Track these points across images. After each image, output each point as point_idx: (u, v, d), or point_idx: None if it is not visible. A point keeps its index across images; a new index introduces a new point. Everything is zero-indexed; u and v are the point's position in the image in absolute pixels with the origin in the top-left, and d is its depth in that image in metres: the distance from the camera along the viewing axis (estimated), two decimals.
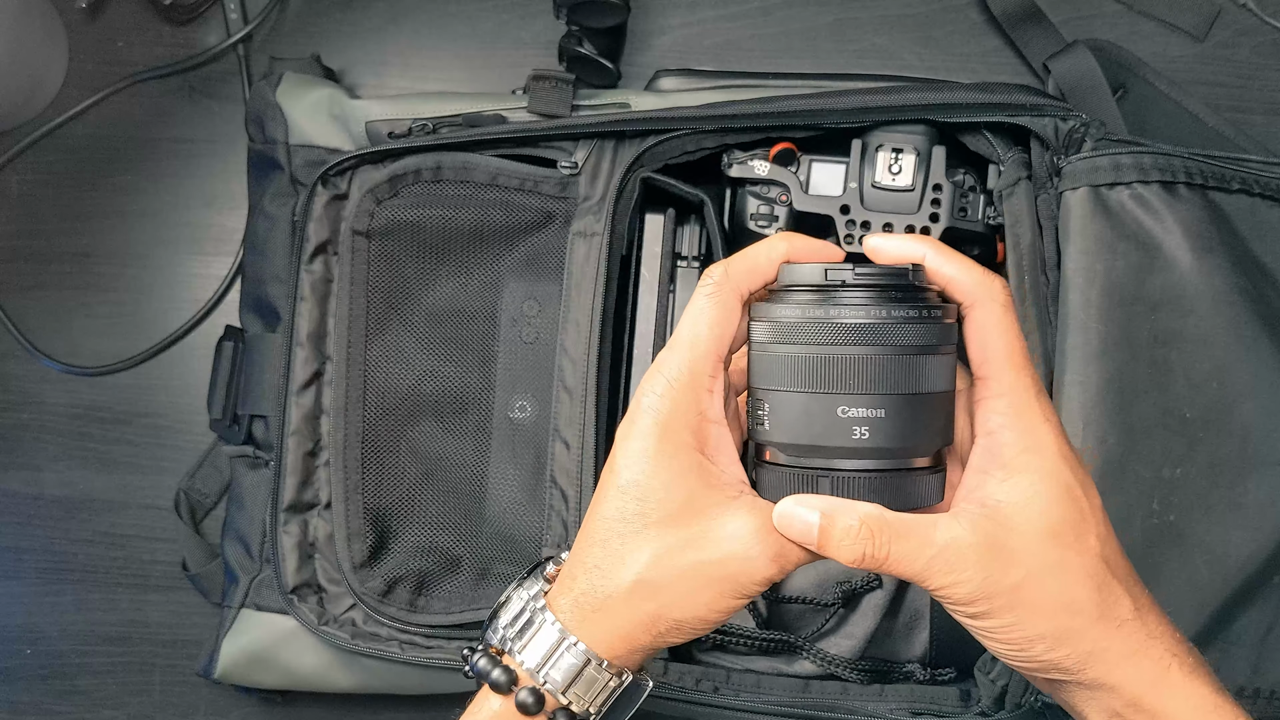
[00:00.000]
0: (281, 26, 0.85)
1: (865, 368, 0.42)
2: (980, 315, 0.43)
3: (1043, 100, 0.67)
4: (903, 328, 0.42)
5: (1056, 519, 0.42)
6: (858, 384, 0.42)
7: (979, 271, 0.44)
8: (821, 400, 0.42)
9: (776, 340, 0.43)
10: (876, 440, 0.42)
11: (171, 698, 0.82)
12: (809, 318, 0.43)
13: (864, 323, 0.42)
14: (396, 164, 0.71)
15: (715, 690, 0.67)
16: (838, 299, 0.43)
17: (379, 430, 0.71)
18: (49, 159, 0.85)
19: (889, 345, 0.42)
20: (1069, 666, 0.42)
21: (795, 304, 0.43)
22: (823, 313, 0.42)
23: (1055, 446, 0.42)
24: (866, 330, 0.42)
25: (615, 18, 0.75)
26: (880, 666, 0.68)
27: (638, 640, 0.44)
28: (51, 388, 0.84)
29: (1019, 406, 0.42)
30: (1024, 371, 0.43)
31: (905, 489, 0.43)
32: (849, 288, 0.43)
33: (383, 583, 0.70)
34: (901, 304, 0.42)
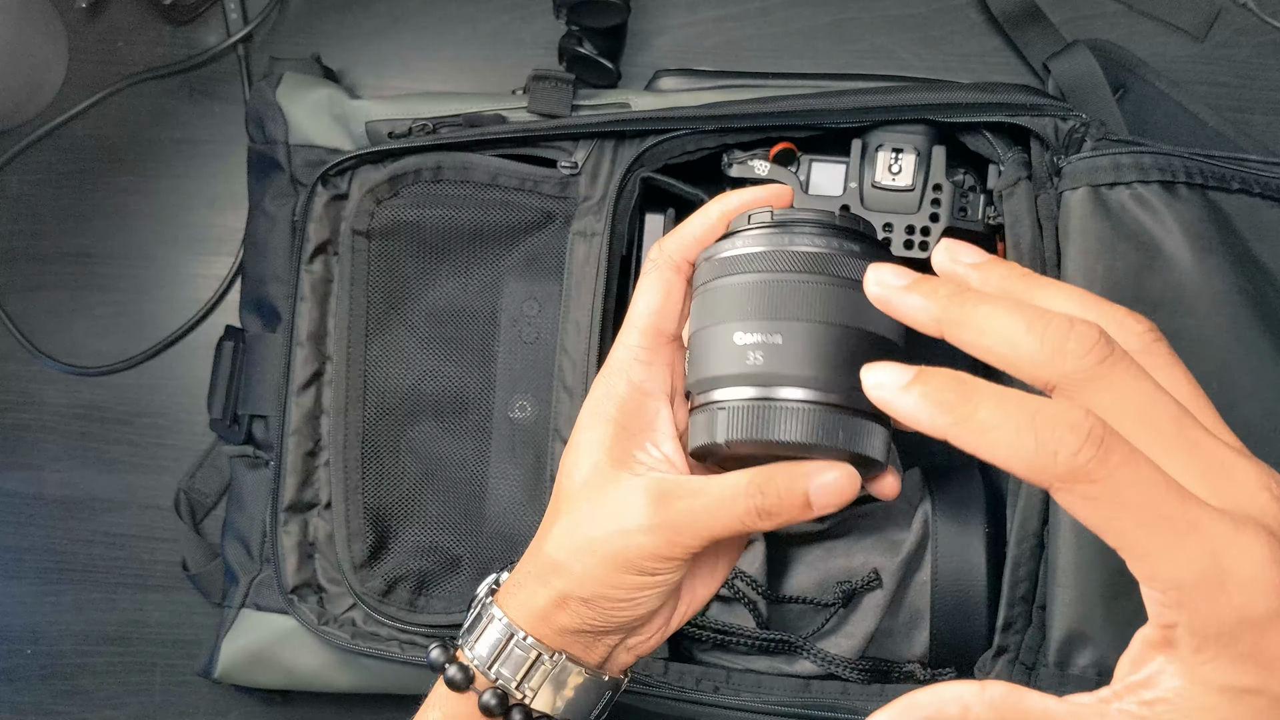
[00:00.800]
0: (281, 26, 0.85)
1: (760, 292, 0.40)
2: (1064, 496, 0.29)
3: (1043, 100, 0.67)
4: (805, 255, 0.40)
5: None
6: (751, 309, 0.40)
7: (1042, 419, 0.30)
8: (719, 330, 0.41)
9: (719, 274, 0.42)
10: (771, 365, 0.39)
11: (171, 698, 0.82)
12: (716, 257, 0.42)
13: (815, 252, 0.40)
14: (396, 164, 0.71)
15: (715, 690, 0.67)
16: (744, 234, 0.42)
17: (379, 430, 0.71)
18: (49, 159, 0.85)
19: (787, 270, 0.40)
20: None
21: (711, 248, 0.43)
22: (728, 246, 0.42)
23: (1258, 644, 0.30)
24: (761, 258, 0.41)
25: (615, 18, 0.75)
26: (880, 666, 0.68)
27: (555, 619, 0.44)
28: (51, 388, 0.84)
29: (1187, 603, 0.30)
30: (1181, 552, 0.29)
31: (824, 423, 0.39)
32: (754, 225, 0.42)
33: (383, 583, 0.70)
34: (808, 234, 0.41)
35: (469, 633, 0.47)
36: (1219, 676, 0.30)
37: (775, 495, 0.40)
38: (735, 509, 0.40)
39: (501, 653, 0.45)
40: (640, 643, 0.47)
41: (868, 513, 0.71)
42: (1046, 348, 0.30)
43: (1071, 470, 0.29)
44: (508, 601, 0.46)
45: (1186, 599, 0.30)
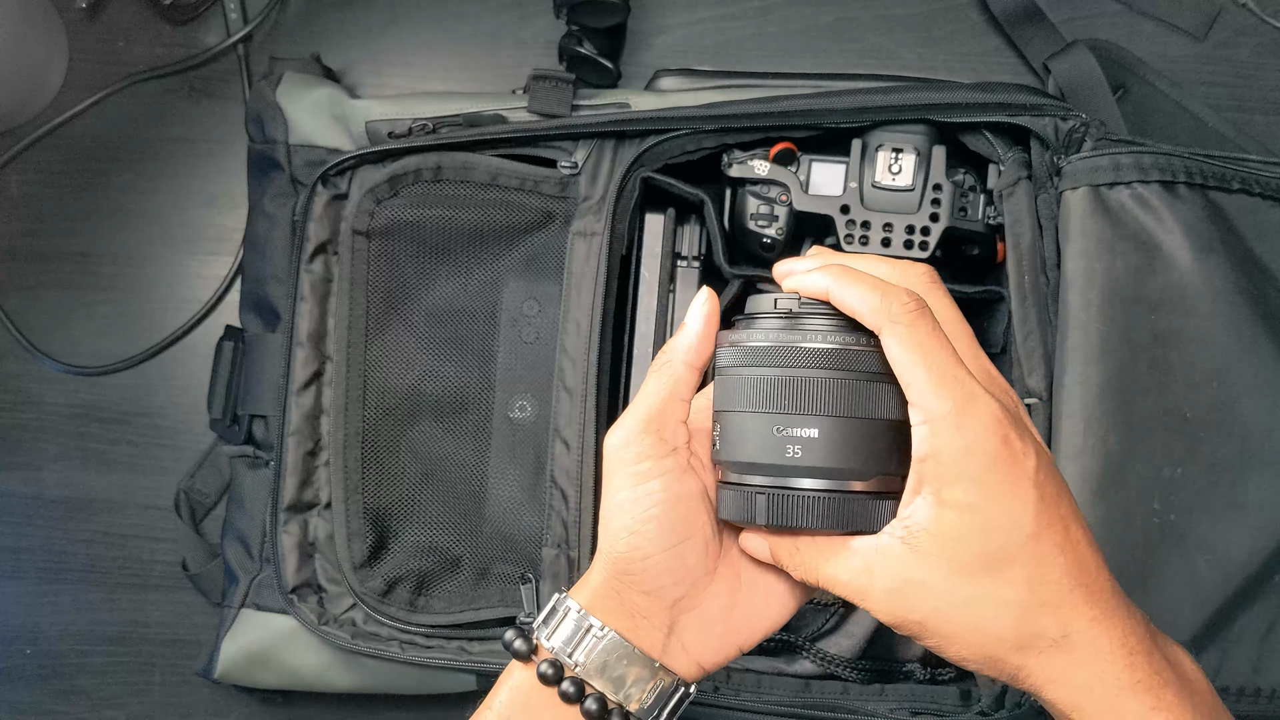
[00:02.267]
0: (281, 26, 0.85)
1: (802, 389, 0.43)
2: (888, 342, 0.42)
3: (1043, 100, 0.67)
4: (841, 353, 0.43)
5: (972, 555, 0.41)
6: (794, 404, 0.43)
7: (876, 295, 0.43)
8: (761, 419, 0.44)
9: (727, 364, 0.46)
10: (810, 459, 0.43)
11: (171, 698, 0.82)
12: (751, 344, 0.45)
13: (808, 347, 0.43)
14: (396, 164, 0.71)
15: (715, 690, 0.67)
16: (781, 325, 0.44)
17: (379, 430, 0.71)
18: (49, 159, 0.85)
19: (826, 369, 0.43)
20: (1003, 680, 0.43)
21: (743, 329, 0.46)
22: (763, 338, 0.44)
23: (977, 478, 0.41)
24: (804, 355, 0.43)
25: (615, 18, 0.75)
26: (880, 666, 0.68)
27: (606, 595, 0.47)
28: (51, 388, 0.84)
29: (940, 434, 0.41)
30: (943, 392, 0.41)
31: (843, 511, 0.43)
32: (794, 316, 0.44)
33: (383, 583, 0.70)
34: (840, 331, 0.43)
35: (545, 624, 0.49)
36: (951, 495, 0.41)
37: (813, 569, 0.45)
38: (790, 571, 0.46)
39: (559, 626, 0.47)
40: (695, 642, 0.48)
41: None
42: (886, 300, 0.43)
43: (897, 317, 0.42)
44: (576, 589, 0.49)
45: (937, 429, 0.41)
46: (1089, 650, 0.42)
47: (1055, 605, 0.42)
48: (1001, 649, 0.42)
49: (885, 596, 0.42)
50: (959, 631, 0.42)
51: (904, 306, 0.42)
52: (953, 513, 0.41)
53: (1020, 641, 0.42)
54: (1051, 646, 0.42)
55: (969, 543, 0.41)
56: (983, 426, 0.41)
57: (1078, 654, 0.42)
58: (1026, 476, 0.41)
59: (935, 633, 0.42)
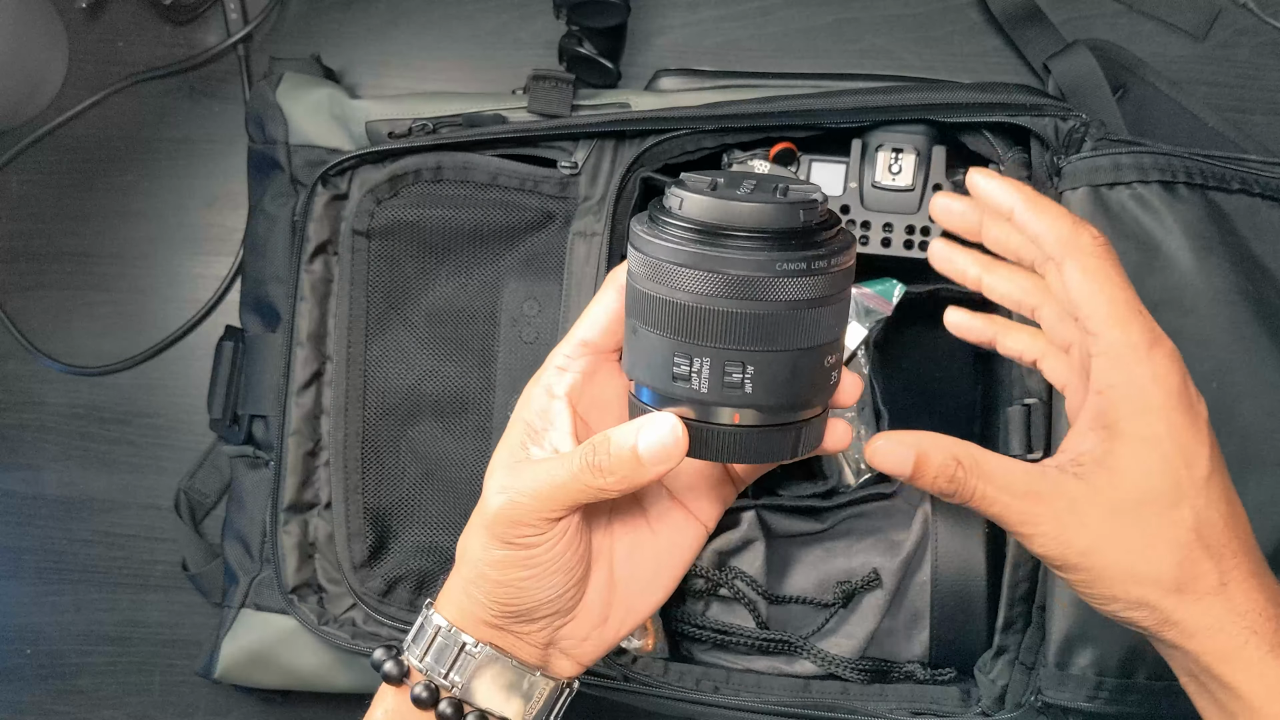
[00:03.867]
0: (281, 26, 0.85)
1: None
2: (1071, 270, 0.43)
3: (1043, 100, 0.67)
4: (782, 283, 0.38)
5: (1145, 489, 0.41)
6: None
7: (1067, 223, 0.43)
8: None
9: (643, 275, 0.40)
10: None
11: (171, 698, 0.82)
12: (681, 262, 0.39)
13: (741, 276, 0.38)
14: (396, 164, 0.71)
15: (715, 690, 0.67)
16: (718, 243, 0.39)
17: (379, 430, 0.71)
18: (49, 159, 0.85)
19: (767, 299, 0.38)
20: (1146, 627, 0.42)
21: (667, 241, 0.39)
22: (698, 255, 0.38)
23: (1161, 410, 0.41)
24: (744, 284, 0.38)
25: (615, 18, 0.75)
26: (880, 666, 0.68)
27: (467, 607, 0.45)
28: (51, 388, 0.84)
29: (1125, 365, 0.42)
30: (1130, 325, 0.42)
31: (788, 441, 0.41)
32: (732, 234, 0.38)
33: (383, 582, 0.70)
34: (788, 254, 0.38)
35: (412, 637, 0.47)
36: (1132, 427, 0.41)
37: (605, 452, 0.42)
38: (572, 467, 0.42)
39: (431, 645, 0.45)
40: (575, 645, 0.46)
41: (867, 513, 0.71)
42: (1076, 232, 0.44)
43: (1087, 246, 0.43)
44: (442, 601, 0.47)
45: (1122, 360, 0.41)
46: (1245, 602, 0.42)
47: (1218, 551, 0.41)
48: (1157, 591, 0.41)
49: (1051, 526, 0.41)
50: (1116, 569, 0.41)
51: (1094, 239, 0.43)
52: (1132, 445, 0.41)
53: (1178, 583, 0.41)
54: (1209, 593, 0.41)
55: (1144, 476, 0.41)
56: (1170, 362, 0.42)
57: (1233, 605, 0.41)
58: (1203, 418, 0.42)
59: (1091, 568, 0.41)
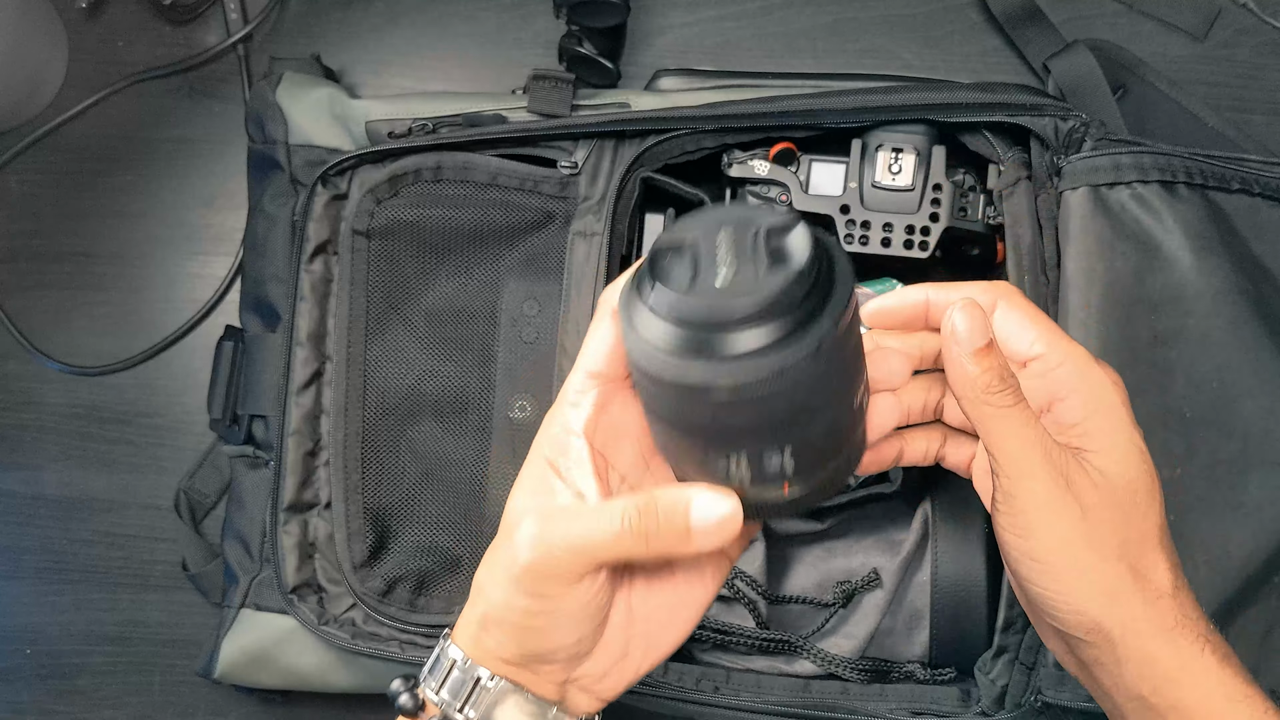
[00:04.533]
0: (281, 26, 0.85)
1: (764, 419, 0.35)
2: (1007, 309, 0.45)
3: (1043, 100, 0.67)
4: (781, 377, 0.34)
5: (1124, 480, 0.43)
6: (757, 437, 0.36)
7: (983, 283, 0.45)
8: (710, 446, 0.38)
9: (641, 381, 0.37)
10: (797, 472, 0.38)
11: (171, 698, 0.82)
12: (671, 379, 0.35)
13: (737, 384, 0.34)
14: (396, 164, 0.71)
15: (715, 690, 0.67)
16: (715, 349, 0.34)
17: (379, 430, 0.71)
18: (49, 159, 0.85)
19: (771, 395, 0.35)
20: (1105, 626, 0.43)
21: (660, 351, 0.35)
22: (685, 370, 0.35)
23: (1125, 408, 0.44)
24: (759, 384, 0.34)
25: (615, 18, 0.75)
26: (880, 666, 0.68)
27: (484, 642, 0.44)
28: (51, 388, 0.84)
29: (1082, 372, 0.44)
30: (1073, 342, 0.44)
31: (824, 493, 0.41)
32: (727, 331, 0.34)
33: (383, 582, 0.70)
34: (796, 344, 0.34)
35: (429, 668, 0.46)
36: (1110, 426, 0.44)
37: (653, 518, 0.40)
38: (611, 527, 0.40)
39: (447, 678, 0.45)
40: (594, 683, 0.45)
41: (868, 513, 0.71)
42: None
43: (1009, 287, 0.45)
44: (459, 633, 0.46)
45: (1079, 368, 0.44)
46: (1193, 609, 0.43)
47: (1171, 555, 0.44)
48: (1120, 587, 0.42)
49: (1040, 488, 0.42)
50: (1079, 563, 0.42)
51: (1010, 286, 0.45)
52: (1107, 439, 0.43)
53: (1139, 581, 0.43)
54: (1167, 595, 0.43)
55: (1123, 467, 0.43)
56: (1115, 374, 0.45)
57: (1185, 610, 0.43)
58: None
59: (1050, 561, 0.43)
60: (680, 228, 0.37)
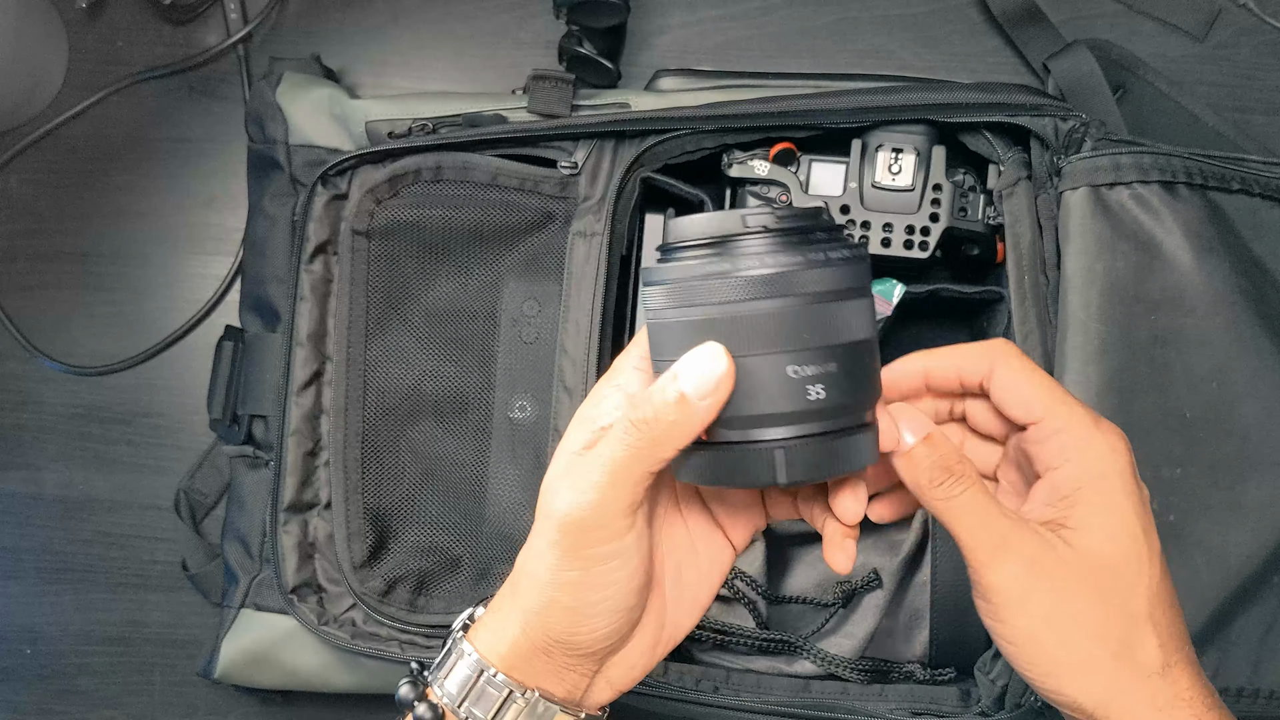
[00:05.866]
0: (281, 26, 0.85)
1: (809, 318, 0.37)
2: (1004, 371, 0.43)
3: (1043, 100, 0.67)
4: (825, 272, 0.37)
5: (1109, 554, 0.41)
6: (808, 338, 0.37)
7: (979, 344, 0.44)
8: (768, 361, 0.38)
9: (672, 304, 0.39)
10: (833, 398, 0.38)
11: (171, 698, 0.82)
12: (706, 276, 0.38)
13: (779, 272, 0.37)
14: (396, 164, 0.71)
15: (715, 690, 0.67)
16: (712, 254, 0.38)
17: (379, 430, 0.71)
18: (49, 159, 0.85)
19: (815, 293, 0.37)
20: (1088, 709, 0.42)
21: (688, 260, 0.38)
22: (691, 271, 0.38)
23: (1120, 478, 0.42)
24: (774, 281, 0.37)
25: (615, 18, 0.75)
26: (880, 666, 0.68)
27: (521, 645, 0.43)
28: (51, 388, 0.84)
29: (1078, 439, 0.42)
30: (1073, 405, 0.42)
31: (857, 449, 0.39)
32: (751, 234, 0.38)
33: (383, 582, 0.70)
34: (817, 246, 0.38)
35: (439, 668, 0.45)
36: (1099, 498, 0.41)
37: (645, 403, 0.39)
38: (621, 436, 0.40)
39: (472, 690, 0.43)
40: (620, 675, 0.45)
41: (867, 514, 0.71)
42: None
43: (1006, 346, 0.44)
44: (480, 634, 0.44)
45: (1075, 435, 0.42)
46: (1188, 689, 0.41)
47: (1165, 631, 0.41)
48: (1106, 664, 0.41)
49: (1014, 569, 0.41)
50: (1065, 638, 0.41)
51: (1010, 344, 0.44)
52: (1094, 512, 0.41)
53: (1127, 658, 0.41)
54: (1155, 674, 0.41)
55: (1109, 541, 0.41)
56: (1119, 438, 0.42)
57: (1178, 689, 0.41)
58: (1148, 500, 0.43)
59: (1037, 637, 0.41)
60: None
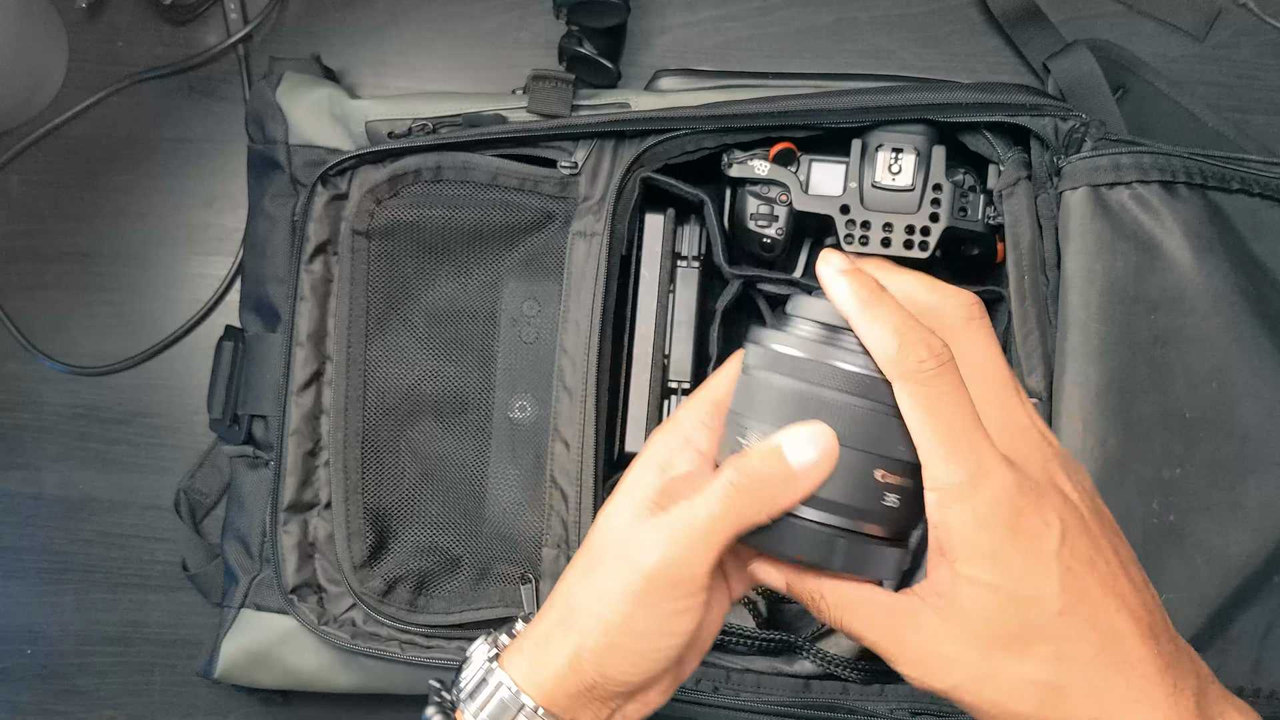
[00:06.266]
0: (281, 26, 0.85)
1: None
2: (900, 397, 0.39)
3: (1043, 100, 0.67)
4: (870, 381, 0.39)
5: (997, 629, 0.39)
6: (901, 450, 0.39)
7: (896, 340, 0.39)
8: (861, 457, 0.40)
9: (754, 364, 0.41)
10: (900, 512, 0.40)
11: (171, 698, 0.82)
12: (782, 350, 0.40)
13: (839, 367, 0.40)
14: (396, 164, 0.71)
15: (715, 690, 0.67)
16: (817, 336, 0.41)
17: (379, 430, 0.71)
18: (49, 159, 0.85)
19: (853, 395, 0.39)
20: None
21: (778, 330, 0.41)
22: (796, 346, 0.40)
23: (989, 555, 0.38)
24: (833, 375, 0.40)
25: (615, 18, 0.75)
26: (880, 666, 0.68)
27: (568, 682, 0.42)
28: (51, 388, 0.84)
29: (949, 505, 0.38)
30: (954, 460, 0.38)
31: (894, 562, 0.41)
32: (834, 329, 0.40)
33: (383, 583, 0.70)
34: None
35: (471, 698, 0.44)
36: (967, 570, 0.39)
37: (750, 471, 0.40)
38: (719, 495, 0.40)
39: (490, 701, 0.43)
40: (635, 710, 0.44)
41: None
42: (902, 350, 0.39)
43: (912, 372, 0.38)
44: (515, 663, 0.44)
45: (946, 499, 0.38)
46: None
47: (1086, 687, 0.39)
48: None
49: (912, 661, 0.40)
50: (984, 706, 0.40)
51: (920, 363, 0.38)
52: (971, 588, 0.39)
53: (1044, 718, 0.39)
54: None
55: (990, 619, 0.39)
56: (994, 500, 0.38)
57: None
58: (1047, 552, 0.38)
59: (962, 703, 0.40)
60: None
